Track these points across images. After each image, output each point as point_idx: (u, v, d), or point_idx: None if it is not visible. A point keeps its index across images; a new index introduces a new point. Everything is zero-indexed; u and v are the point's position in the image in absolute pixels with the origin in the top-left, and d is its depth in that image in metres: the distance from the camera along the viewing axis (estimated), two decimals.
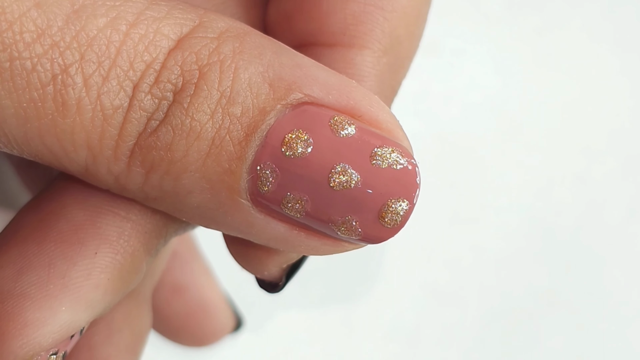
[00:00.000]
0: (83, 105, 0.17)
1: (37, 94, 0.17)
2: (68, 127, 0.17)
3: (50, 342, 0.18)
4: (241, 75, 0.17)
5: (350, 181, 0.17)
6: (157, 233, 0.20)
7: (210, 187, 0.18)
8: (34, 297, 0.18)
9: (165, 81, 0.17)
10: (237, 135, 0.17)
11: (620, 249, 0.44)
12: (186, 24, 0.18)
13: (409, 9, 0.21)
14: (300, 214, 0.18)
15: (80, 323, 0.19)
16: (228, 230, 0.19)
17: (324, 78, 0.18)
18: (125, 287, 0.20)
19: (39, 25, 0.16)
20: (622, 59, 0.47)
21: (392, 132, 0.18)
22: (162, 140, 0.17)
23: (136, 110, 0.17)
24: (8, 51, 0.16)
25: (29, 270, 0.19)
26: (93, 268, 0.19)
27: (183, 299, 0.33)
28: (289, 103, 0.17)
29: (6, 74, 0.16)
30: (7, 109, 0.17)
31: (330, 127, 0.17)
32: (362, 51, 0.21)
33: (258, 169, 0.17)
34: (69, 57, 0.17)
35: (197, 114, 0.17)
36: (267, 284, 0.22)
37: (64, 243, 0.19)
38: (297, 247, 0.19)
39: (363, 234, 0.18)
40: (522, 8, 0.47)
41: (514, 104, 0.46)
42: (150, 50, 0.17)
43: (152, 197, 0.18)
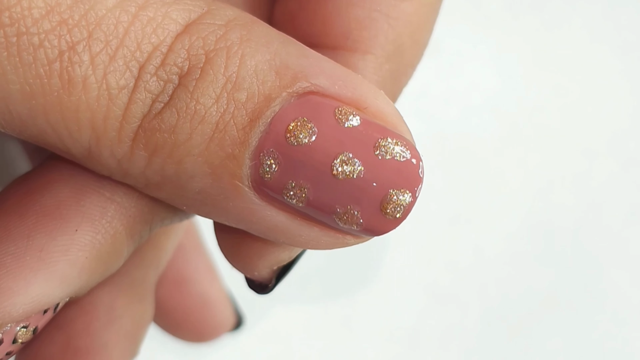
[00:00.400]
0: (89, 83, 0.17)
1: (43, 70, 0.17)
2: (73, 104, 0.17)
3: (20, 313, 0.18)
4: (247, 62, 0.17)
5: (353, 171, 0.17)
6: (142, 219, 0.20)
7: (212, 172, 0.18)
8: (9, 266, 0.18)
9: (171, 64, 0.17)
10: (242, 120, 0.17)
11: (620, 250, 0.44)
12: (194, 10, 0.18)
13: (415, 18, 0.21)
14: (302, 203, 0.18)
15: (53, 298, 0.19)
16: (228, 219, 0.19)
17: (330, 69, 0.18)
18: (104, 269, 0.20)
19: (48, 2, 0.16)
20: (623, 60, 0.47)
21: (397, 126, 0.18)
22: (166, 122, 0.17)
23: (141, 91, 0.17)
24: (16, 26, 0.16)
25: (7, 241, 0.19)
26: (72, 245, 0.19)
27: (184, 293, 0.34)
28: (295, 91, 0.18)
29: (13, 48, 0.16)
30: (13, 84, 0.17)
31: (335, 117, 0.18)
32: (364, 56, 0.21)
33: (261, 155, 0.17)
34: (76, 35, 0.17)
35: (202, 97, 0.17)
36: (257, 284, 0.22)
37: (45, 217, 0.19)
38: (297, 238, 0.19)
39: (364, 224, 0.18)
40: (522, 8, 0.47)
41: (514, 105, 0.46)
42: (158, 33, 0.17)
43: (153, 182, 0.18)
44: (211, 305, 0.35)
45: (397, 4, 0.21)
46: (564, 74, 0.46)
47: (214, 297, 0.35)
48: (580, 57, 0.47)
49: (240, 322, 0.37)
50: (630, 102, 0.47)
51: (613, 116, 0.46)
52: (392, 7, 0.21)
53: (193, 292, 0.34)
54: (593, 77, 0.47)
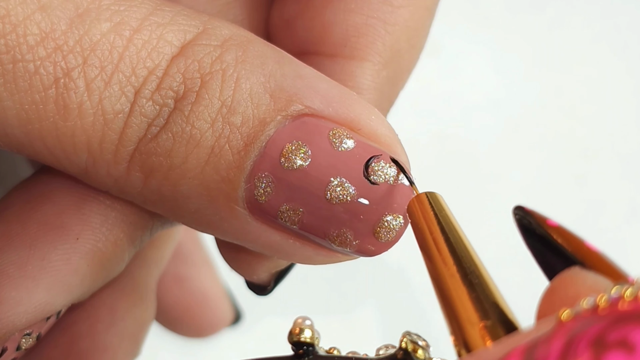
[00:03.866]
0: (84, 109, 0.17)
1: (39, 96, 0.17)
2: (69, 130, 0.17)
3: (24, 322, 0.19)
4: (242, 85, 0.17)
5: (346, 195, 0.17)
6: (142, 225, 0.20)
7: (207, 194, 0.18)
8: (12, 276, 0.19)
9: (167, 88, 0.17)
10: (237, 144, 0.17)
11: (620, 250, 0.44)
12: (190, 31, 0.18)
13: (411, 23, 0.21)
14: (296, 225, 0.18)
15: (56, 306, 0.19)
16: (224, 237, 0.19)
17: (324, 90, 0.18)
18: (105, 275, 0.20)
19: (42, 28, 0.17)
20: (622, 59, 0.47)
21: (391, 147, 0.18)
22: (162, 146, 0.17)
23: (137, 116, 0.17)
24: (11, 53, 0.16)
25: (10, 250, 0.19)
26: (73, 253, 0.19)
27: (184, 290, 0.34)
28: (289, 114, 0.18)
29: (9, 75, 0.16)
30: (9, 110, 0.17)
31: (329, 140, 0.18)
32: (362, 64, 0.21)
33: (256, 179, 0.18)
34: (71, 61, 0.17)
35: (198, 121, 0.17)
36: (256, 286, 0.23)
37: (47, 225, 0.19)
38: (292, 256, 0.19)
39: (357, 247, 0.18)
40: (522, 8, 0.47)
41: (514, 104, 0.46)
42: (153, 57, 0.17)
43: (150, 200, 0.19)
44: (210, 301, 0.35)
45: (393, 10, 0.21)
46: (564, 74, 0.46)
47: (213, 293, 0.35)
48: (580, 57, 0.47)
49: (238, 317, 0.37)
50: (630, 101, 0.47)
51: (613, 116, 0.46)
52: (389, 13, 0.21)
53: (192, 288, 0.34)
54: (593, 77, 0.47)
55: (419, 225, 0.17)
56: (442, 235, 0.16)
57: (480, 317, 0.15)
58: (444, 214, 0.16)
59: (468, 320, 0.14)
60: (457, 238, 0.16)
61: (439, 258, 0.16)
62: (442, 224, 0.16)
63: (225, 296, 0.36)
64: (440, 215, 0.16)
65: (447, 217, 0.16)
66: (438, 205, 0.17)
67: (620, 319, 0.12)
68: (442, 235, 0.16)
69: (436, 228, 0.16)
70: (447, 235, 0.16)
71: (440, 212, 0.16)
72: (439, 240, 0.16)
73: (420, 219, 0.17)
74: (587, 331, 0.12)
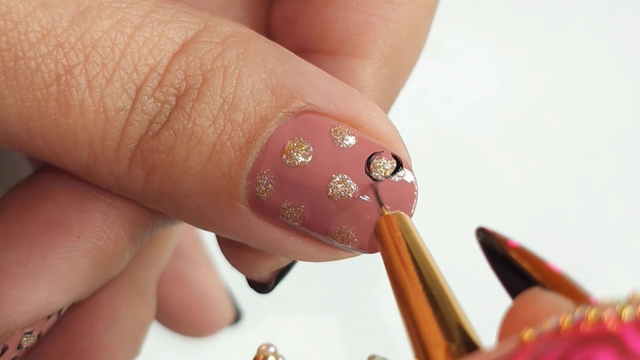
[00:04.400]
0: (86, 106, 0.17)
1: (40, 93, 0.17)
2: (70, 127, 0.17)
3: (24, 321, 0.19)
4: (244, 82, 0.17)
5: (348, 192, 0.17)
6: (143, 223, 0.20)
7: (209, 191, 0.18)
8: (13, 274, 0.19)
9: (168, 85, 0.17)
10: (238, 141, 0.17)
11: (620, 249, 0.44)
12: (191, 28, 0.18)
13: (412, 20, 0.21)
14: (297, 222, 0.18)
15: (56, 305, 0.19)
16: (225, 234, 0.19)
17: (326, 87, 0.18)
18: (106, 273, 0.20)
19: (44, 25, 0.17)
20: (622, 60, 0.47)
21: (392, 144, 0.18)
22: (164, 143, 0.17)
23: (138, 113, 0.17)
24: (13, 50, 0.16)
25: (10, 248, 0.19)
26: (74, 251, 0.19)
27: (184, 290, 0.34)
28: (291, 111, 0.18)
29: (10, 73, 0.16)
30: (11, 107, 0.17)
31: (330, 137, 0.18)
32: (363, 61, 0.21)
33: (257, 176, 0.18)
34: (73, 58, 0.17)
35: (200, 119, 0.17)
36: (257, 284, 0.23)
37: (48, 224, 0.19)
38: (293, 253, 0.19)
39: (359, 243, 0.18)
40: (522, 8, 0.47)
41: (514, 104, 0.46)
42: (155, 54, 0.17)
43: (151, 198, 0.18)
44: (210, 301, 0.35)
45: (394, 7, 0.21)
46: (564, 74, 0.46)
47: (213, 292, 0.35)
48: (580, 57, 0.47)
49: (238, 317, 0.37)
50: (629, 101, 0.47)
51: (612, 115, 0.47)
52: (390, 11, 0.21)
53: (192, 288, 0.34)
54: (592, 77, 0.47)
55: (386, 245, 0.17)
56: (409, 256, 0.16)
57: (445, 339, 0.15)
58: (411, 235, 0.17)
59: (433, 342, 0.15)
60: (423, 259, 0.16)
61: (405, 277, 0.16)
62: (409, 245, 0.16)
63: (226, 295, 0.36)
64: (407, 236, 0.17)
65: (414, 239, 0.17)
66: (406, 226, 0.17)
67: (583, 341, 0.12)
68: (409, 255, 0.16)
69: (404, 248, 0.16)
70: (414, 256, 0.16)
71: (407, 233, 0.17)
72: (406, 260, 0.16)
73: (389, 239, 0.17)
74: (550, 352, 0.12)
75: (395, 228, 0.17)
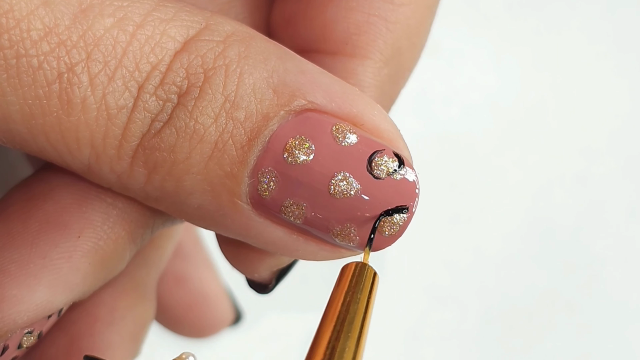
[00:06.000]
0: (88, 104, 0.17)
1: (42, 91, 0.17)
2: (72, 125, 0.17)
3: (25, 320, 0.19)
4: (246, 80, 0.18)
5: (350, 190, 0.18)
6: (144, 223, 0.20)
7: (211, 189, 0.18)
8: (13, 274, 0.19)
9: (170, 83, 0.17)
10: (240, 139, 0.17)
11: (620, 249, 0.44)
12: (193, 26, 0.18)
13: (412, 21, 0.21)
14: (299, 220, 0.18)
15: (57, 304, 0.19)
16: (227, 233, 0.19)
17: (327, 85, 0.18)
18: (107, 273, 0.20)
19: (46, 23, 0.17)
20: (621, 60, 0.47)
21: (393, 142, 0.18)
22: (166, 141, 0.17)
23: (140, 111, 0.17)
24: (15, 48, 0.16)
25: (11, 248, 0.19)
26: (75, 251, 0.19)
27: (184, 290, 0.34)
28: (292, 109, 0.18)
29: (12, 70, 0.16)
30: (13, 105, 0.17)
31: (332, 135, 0.18)
32: (363, 61, 0.21)
33: (259, 173, 0.18)
34: (75, 56, 0.17)
35: (201, 117, 0.17)
36: (257, 284, 0.23)
37: (48, 224, 0.19)
38: (295, 252, 0.19)
39: (361, 242, 0.18)
40: (522, 9, 0.47)
41: (513, 104, 0.46)
42: (157, 52, 0.17)
43: (153, 197, 0.19)
44: (210, 301, 0.35)
45: (395, 8, 0.21)
46: (563, 74, 0.47)
47: (213, 293, 0.35)
48: (579, 58, 0.47)
49: (239, 317, 0.37)
50: (629, 101, 0.47)
51: (612, 115, 0.47)
52: (391, 11, 0.21)
53: (192, 288, 0.34)
54: (591, 77, 0.47)
55: (343, 286, 0.17)
56: (355, 307, 0.17)
57: None
58: (372, 295, 0.17)
59: None
60: (363, 320, 0.17)
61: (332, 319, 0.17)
62: (364, 302, 0.17)
63: (226, 296, 0.36)
64: (370, 293, 0.17)
65: (370, 299, 0.17)
66: (374, 283, 0.18)
67: None
68: (355, 306, 0.17)
69: (357, 298, 0.17)
70: (357, 311, 0.17)
71: (367, 290, 0.17)
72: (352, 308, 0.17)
73: (347, 282, 0.17)
74: None
75: (362, 276, 0.17)
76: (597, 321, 0.43)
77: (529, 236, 0.44)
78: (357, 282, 0.17)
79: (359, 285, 0.17)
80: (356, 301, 0.17)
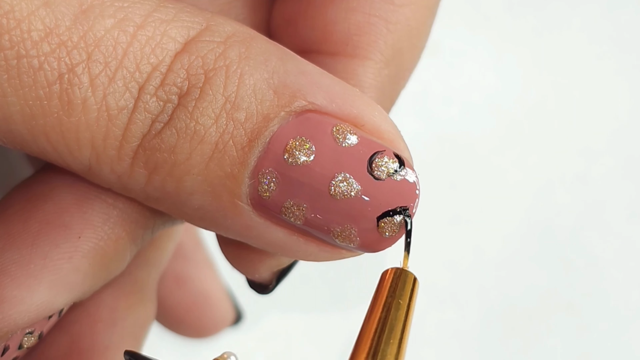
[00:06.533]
0: (88, 104, 0.17)
1: (43, 92, 0.17)
2: (73, 125, 0.17)
3: (26, 321, 0.19)
4: (246, 81, 0.18)
5: (350, 190, 0.18)
6: (144, 223, 0.20)
7: (211, 190, 0.18)
8: (13, 274, 0.19)
9: (170, 84, 0.17)
10: (241, 140, 0.17)
11: (619, 250, 0.44)
12: (193, 27, 0.18)
13: (413, 22, 0.21)
14: (300, 221, 0.18)
15: (57, 305, 0.19)
16: (227, 233, 0.19)
17: (327, 86, 0.18)
18: (107, 274, 0.20)
19: (47, 24, 0.17)
20: (621, 60, 0.47)
21: (394, 143, 0.18)
22: (166, 142, 0.17)
23: (141, 112, 0.17)
24: (15, 49, 0.16)
25: (11, 248, 0.19)
26: (75, 251, 0.19)
27: (184, 290, 0.34)
28: (293, 110, 0.18)
29: (13, 71, 0.16)
30: (13, 105, 0.17)
31: (332, 136, 0.18)
32: (364, 62, 0.21)
33: (260, 174, 0.18)
34: (76, 57, 0.17)
35: (202, 117, 0.17)
36: (258, 285, 0.23)
37: (48, 224, 0.19)
38: (295, 253, 0.19)
39: (361, 242, 0.18)
40: (522, 9, 0.47)
41: (513, 104, 0.46)
42: (157, 53, 0.17)
43: (153, 197, 0.19)
44: (211, 302, 0.35)
45: (395, 8, 0.21)
46: (563, 74, 0.47)
47: (213, 293, 0.35)
48: (579, 57, 0.47)
49: (239, 317, 0.37)
50: (629, 101, 0.47)
51: (612, 116, 0.47)
52: (391, 12, 0.21)
53: (193, 288, 0.34)
54: (592, 77, 0.47)
55: (383, 292, 0.18)
56: (396, 313, 0.17)
57: None
58: (412, 300, 0.18)
59: None
60: (404, 326, 0.17)
61: (373, 325, 0.17)
62: (404, 307, 0.17)
63: (226, 296, 0.36)
64: (410, 299, 0.18)
65: (411, 304, 0.17)
66: (414, 289, 0.18)
67: None
68: (396, 312, 0.17)
69: (398, 304, 0.17)
70: (398, 317, 0.17)
71: (408, 295, 0.18)
72: (392, 314, 0.17)
73: (387, 287, 0.18)
74: None
75: (403, 283, 0.18)
76: (597, 321, 0.43)
77: (529, 236, 0.44)
78: (398, 288, 0.17)
79: (400, 290, 0.17)
80: (397, 307, 0.17)
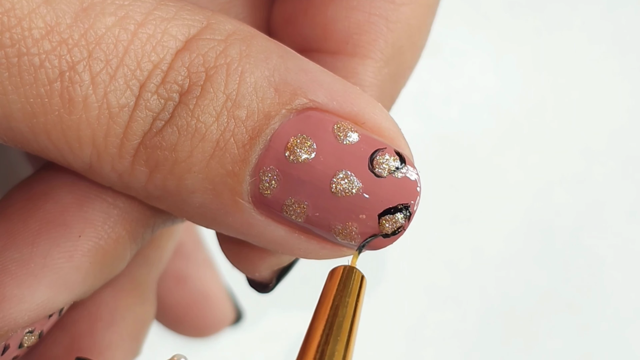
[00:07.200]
0: (89, 102, 0.17)
1: (44, 89, 0.17)
2: (74, 123, 0.17)
3: (26, 320, 0.19)
4: (247, 79, 0.18)
5: (351, 188, 0.18)
6: (144, 222, 0.20)
7: (212, 188, 0.18)
8: (14, 273, 0.19)
9: (172, 82, 0.17)
10: (242, 138, 0.17)
11: (619, 250, 0.44)
12: (194, 25, 0.18)
13: (413, 20, 0.21)
14: (301, 218, 0.18)
15: (58, 304, 0.19)
16: (228, 231, 0.19)
17: (328, 84, 0.18)
18: (108, 273, 0.20)
19: (48, 22, 0.17)
20: (622, 60, 0.47)
21: (394, 140, 0.18)
22: (167, 140, 0.17)
23: (142, 110, 0.17)
24: (16, 47, 0.16)
25: (12, 247, 0.19)
26: (75, 250, 0.19)
27: (184, 290, 0.34)
28: (294, 108, 0.18)
29: (14, 69, 0.16)
30: (14, 103, 0.17)
31: (333, 134, 0.18)
32: (364, 61, 0.21)
33: (261, 172, 0.18)
34: (77, 55, 0.17)
35: (203, 115, 0.17)
36: (258, 284, 0.23)
37: (49, 223, 0.19)
38: (296, 251, 0.19)
39: (362, 240, 0.18)
40: (522, 9, 0.47)
41: (513, 104, 0.46)
42: (158, 51, 0.17)
43: (154, 195, 0.19)
44: (211, 301, 0.35)
45: (395, 7, 0.21)
46: (563, 74, 0.47)
47: (213, 292, 0.35)
48: (579, 58, 0.47)
49: (239, 317, 0.37)
50: (629, 101, 0.47)
51: (612, 116, 0.47)
52: (391, 11, 0.21)
53: (193, 288, 0.34)
54: (592, 77, 0.47)
55: (331, 290, 0.18)
56: (344, 311, 0.17)
57: None
58: (359, 298, 0.18)
59: None
60: (351, 324, 0.17)
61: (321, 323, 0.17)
62: (352, 305, 0.17)
63: (226, 296, 0.36)
64: (358, 296, 0.18)
65: (359, 302, 0.17)
66: (362, 286, 0.18)
67: None
68: (344, 310, 0.17)
69: (346, 301, 0.17)
70: (346, 315, 0.17)
71: (356, 293, 0.18)
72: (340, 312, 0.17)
73: (335, 286, 0.18)
74: None
75: (349, 280, 0.18)
76: (597, 321, 0.43)
77: (529, 236, 0.44)
78: (345, 286, 0.18)
79: (347, 288, 0.18)
80: (344, 305, 0.17)
